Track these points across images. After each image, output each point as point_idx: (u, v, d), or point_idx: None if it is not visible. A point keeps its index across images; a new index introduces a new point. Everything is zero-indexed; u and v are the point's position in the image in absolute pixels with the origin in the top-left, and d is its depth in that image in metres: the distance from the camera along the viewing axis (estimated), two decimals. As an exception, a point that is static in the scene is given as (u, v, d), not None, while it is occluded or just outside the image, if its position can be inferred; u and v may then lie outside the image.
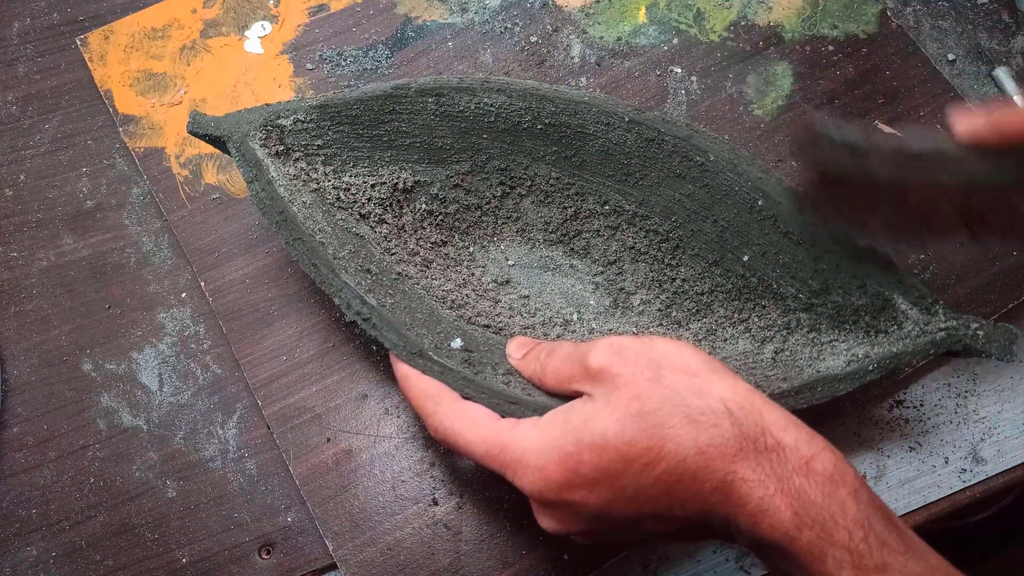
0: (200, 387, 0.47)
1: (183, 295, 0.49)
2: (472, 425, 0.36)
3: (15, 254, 0.49)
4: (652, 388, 0.32)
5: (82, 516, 0.44)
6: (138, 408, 0.46)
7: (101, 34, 0.54)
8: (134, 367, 0.47)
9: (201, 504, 0.44)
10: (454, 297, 0.44)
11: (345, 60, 0.54)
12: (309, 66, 0.54)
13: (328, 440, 0.45)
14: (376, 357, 0.47)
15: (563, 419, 0.33)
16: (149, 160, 0.51)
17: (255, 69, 0.54)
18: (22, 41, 0.54)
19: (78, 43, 0.54)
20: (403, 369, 0.39)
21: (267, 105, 0.43)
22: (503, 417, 0.36)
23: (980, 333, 0.38)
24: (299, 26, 0.55)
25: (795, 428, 0.31)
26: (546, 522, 0.35)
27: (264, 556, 0.44)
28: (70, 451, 0.45)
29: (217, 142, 0.43)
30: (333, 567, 0.44)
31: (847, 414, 0.47)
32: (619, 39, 0.55)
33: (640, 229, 0.46)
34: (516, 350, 0.40)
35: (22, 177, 0.51)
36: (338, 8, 0.56)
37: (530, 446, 0.33)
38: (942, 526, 0.48)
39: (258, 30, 0.55)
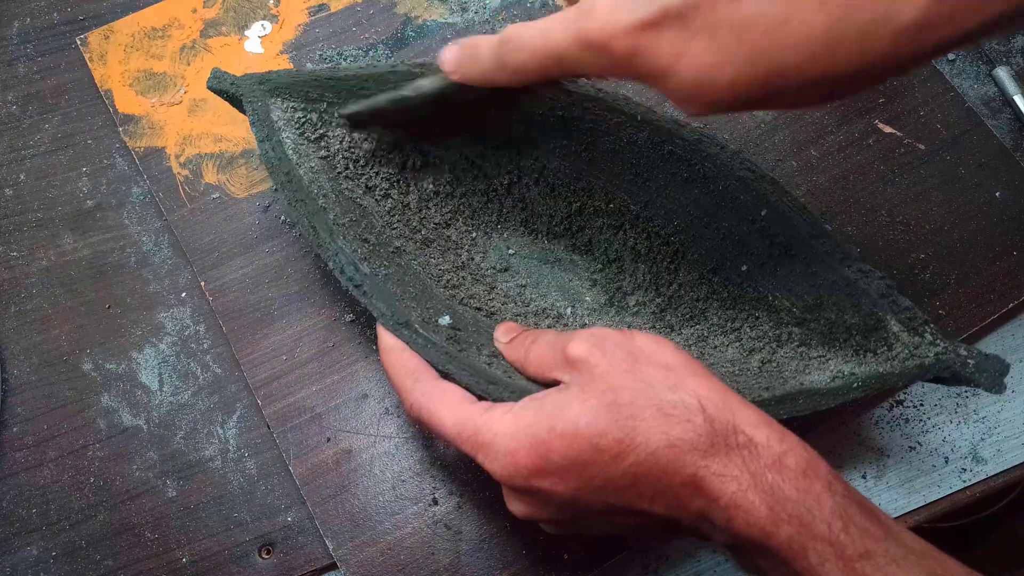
0: (200, 387, 0.47)
1: (183, 295, 0.49)
2: (448, 405, 0.36)
3: (15, 254, 0.49)
4: (627, 380, 0.32)
5: (82, 516, 0.44)
6: (138, 408, 0.46)
7: (101, 34, 0.54)
8: (134, 367, 0.47)
9: (201, 504, 0.44)
10: (449, 277, 0.44)
11: (345, 60, 0.54)
12: (309, 66, 0.54)
13: (328, 440, 0.45)
14: (376, 356, 0.47)
15: (537, 406, 0.33)
16: (149, 160, 0.51)
17: (255, 69, 0.54)
18: (22, 41, 0.54)
19: (78, 43, 0.54)
20: (387, 341, 0.39)
21: (286, 70, 0.44)
22: (481, 397, 0.36)
23: (971, 362, 0.37)
24: (299, 26, 0.55)
25: (766, 426, 0.31)
26: (515, 506, 0.35)
27: (264, 556, 0.44)
28: (70, 451, 0.45)
29: (234, 100, 0.43)
30: (333, 567, 0.44)
31: (846, 413, 0.47)
32: (619, 39, 0.55)
33: (643, 230, 0.46)
34: (503, 334, 0.40)
35: (22, 177, 0.51)
36: (338, 8, 0.56)
37: (502, 430, 0.33)
38: (942, 526, 0.48)
39: (258, 30, 0.55)
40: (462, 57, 0.37)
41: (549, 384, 0.36)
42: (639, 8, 0.30)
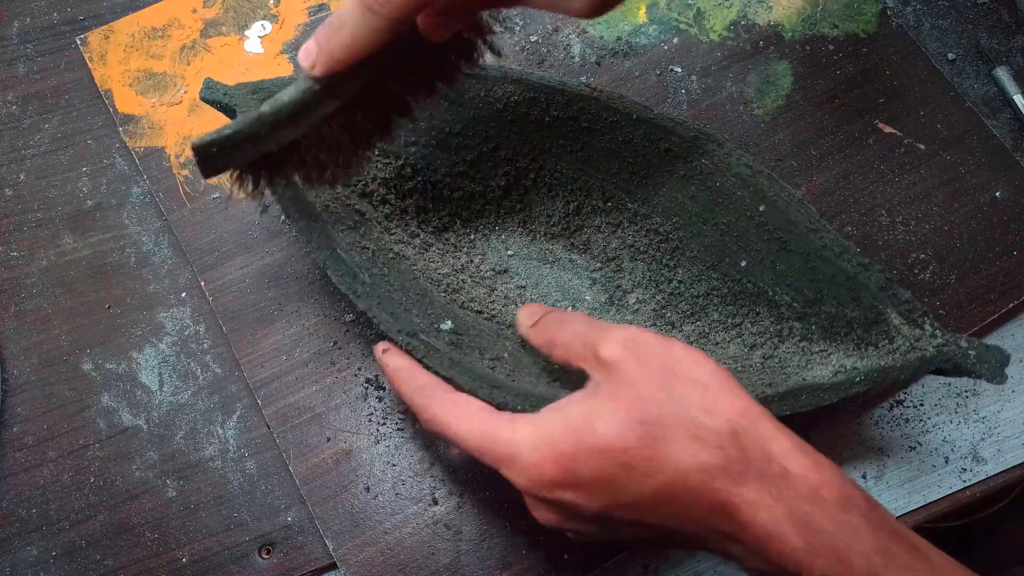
0: (200, 387, 0.47)
1: (183, 295, 0.49)
2: (466, 417, 0.35)
3: (15, 254, 0.49)
4: (659, 395, 0.31)
5: (82, 516, 0.44)
6: (138, 408, 0.46)
7: (101, 34, 0.54)
8: (134, 367, 0.47)
9: (201, 504, 0.44)
10: (450, 281, 0.44)
11: (345, 60, 0.54)
12: (309, 66, 0.54)
13: (328, 440, 0.45)
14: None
15: (562, 416, 0.32)
16: (149, 160, 0.51)
17: (255, 69, 0.54)
18: (22, 41, 0.54)
19: (78, 43, 0.54)
20: (394, 361, 0.38)
21: (280, 79, 0.43)
22: (484, 400, 0.35)
23: (972, 353, 0.37)
24: (299, 26, 0.55)
25: (802, 454, 0.31)
26: (540, 514, 0.34)
27: (264, 556, 0.44)
28: (70, 451, 0.45)
29: (228, 110, 0.43)
30: (333, 567, 0.44)
31: (847, 412, 0.47)
32: (619, 38, 0.55)
33: (641, 228, 0.46)
34: (527, 318, 0.39)
35: (22, 177, 0.51)
36: (338, 8, 0.56)
37: (525, 441, 0.32)
38: (942, 526, 0.48)
39: (258, 30, 0.55)
40: (321, 38, 0.33)
41: (572, 371, 0.35)
42: None
